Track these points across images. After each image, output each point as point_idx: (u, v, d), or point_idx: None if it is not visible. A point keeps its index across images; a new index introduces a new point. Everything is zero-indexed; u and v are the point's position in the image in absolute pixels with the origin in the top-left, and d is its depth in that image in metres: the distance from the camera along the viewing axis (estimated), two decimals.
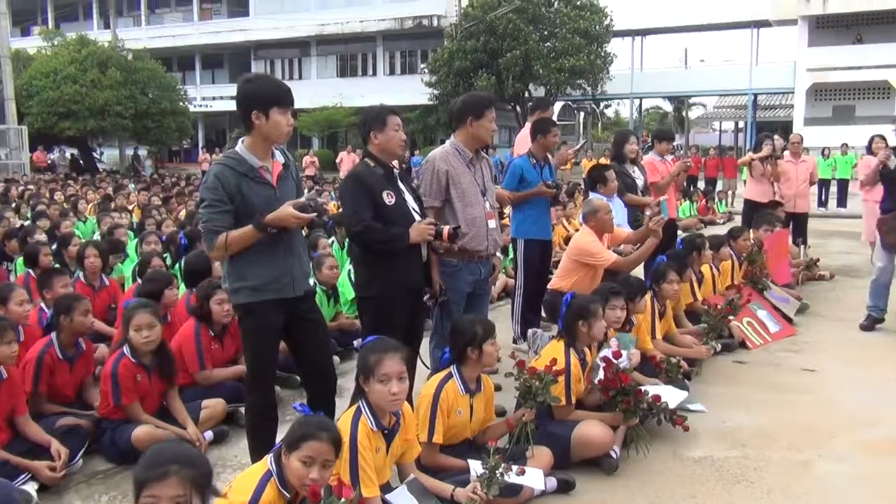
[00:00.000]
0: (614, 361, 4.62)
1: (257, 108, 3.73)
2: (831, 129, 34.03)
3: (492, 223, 5.05)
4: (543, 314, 6.55)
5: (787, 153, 11.10)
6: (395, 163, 4.52)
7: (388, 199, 4.29)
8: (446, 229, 4.38)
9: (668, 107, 63.45)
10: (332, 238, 8.87)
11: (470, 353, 4.09)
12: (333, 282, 6.99)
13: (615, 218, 6.84)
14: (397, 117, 4.38)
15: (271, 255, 3.82)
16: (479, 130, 4.95)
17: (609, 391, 4.54)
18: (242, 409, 4.48)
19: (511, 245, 7.19)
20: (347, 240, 6.00)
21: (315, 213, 3.78)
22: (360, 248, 4.37)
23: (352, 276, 6.29)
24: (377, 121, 4.36)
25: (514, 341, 6.73)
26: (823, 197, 21.79)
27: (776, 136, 10.35)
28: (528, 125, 7.34)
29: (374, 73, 43.76)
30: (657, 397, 4.68)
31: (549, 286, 6.15)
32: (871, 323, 7.61)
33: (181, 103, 35.28)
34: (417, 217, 4.43)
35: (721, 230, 10.09)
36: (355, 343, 6.63)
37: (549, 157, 6.83)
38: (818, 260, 10.42)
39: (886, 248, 7.50)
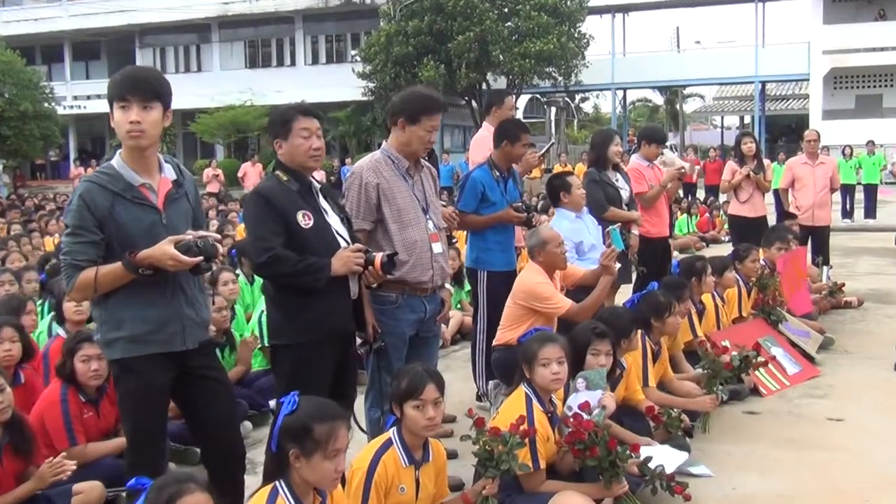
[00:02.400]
0: (583, 414, 4.64)
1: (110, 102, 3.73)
2: (854, 123, 34.98)
3: (437, 247, 5.03)
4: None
5: (801, 154, 11.34)
6: (320, 174, 4.51)
7: (305, 221, 4.28)
8: (378, 257, 4.38)
9: (658, 99, 64.56)
10: (239, 271, 8.79)
11: (412, 413, 4.06)
12: (222, 326, 6.94)
13: (587, 237, 6.92)
14: (310, 119, 4.36)
15: (156, 296, 3.76)
16: (410, 137, 4.94)
17: (575, 445, 4.55)
18: (125, 494, 4.39)
19: (468, 277, 7.20)
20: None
21: (201, 257, 3.70)
22: (272, 283, 4.35)
23: (263, 319, 6.22)
24: (279, 124, 4.36)
25: (478, 398, 6.72)
26: (848, 206, 22.32)
27: (747, 139, 10.42)
28: (485, 125, 7.39)
29: (293, 63, 43.79)
30: (635, 447, 4.71)
31: (494, 341, 6.15)
32: None
33: (46, 104, 34.81)
34: (344, 243, 4.41)
35: (726, 249, 10.25)
36: (271, 404, 6.54)
37: (514, 165, 6.88)
38: (843, 284, 10.65)
39: None
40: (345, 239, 4.44)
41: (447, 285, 5.33)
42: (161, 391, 3.84)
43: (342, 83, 38.44)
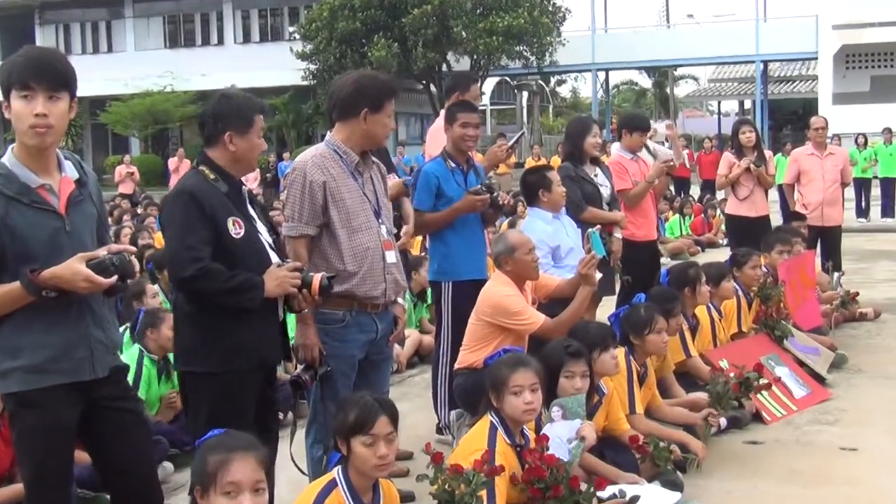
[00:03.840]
0: (544, 448, 4.68)
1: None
2: (869, 108, 35.36)
3: (390, 256, 5.06)
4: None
5: (808, 144, 11.46)
6: (254, 172, 4.53)
7: (236, 229, 4.29)
8: (317, 279, 4.38)
9: (645, 82, 65.13)
10: (157, 285, 8.75)
11: (361, 450, 4.06)
12: (164, 352, 6.87)
13: (565, 241, 6.95)
14: (262, 117, 4.43)
15: (59, 317, 3.73)
16: (374, 127, 4.99)
17: (534, 483, 4.57)
18: None
19: (431, 290, 7.21)
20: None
21: (116, 277, 3.68)
22: (193, 300, 4.32)
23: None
24: (238, 117, 4.38)
25: (439, 430, 6.73)
26: (863, 203, 22.65)
27: (745, 128, 10.51)
28: (442, 114, 7.41)
29: (221, 42, 43.56)
30: (601, 482, 4.74)
31: (456, 363, 6.17)
32: None
33: None
34: (274, 258, 4.42)
35: (724, 255, 10.33)
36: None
37: (475, 157, 6.90)
38: (857, 293, 10.75)
39: None
40: (276, 252, 4.46)
41: (400, 300, 5.34)
42: (67, 429, 3.80)
43: (278, 65, 38.29)
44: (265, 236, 4.46)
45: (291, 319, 4.77)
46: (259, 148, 4.45)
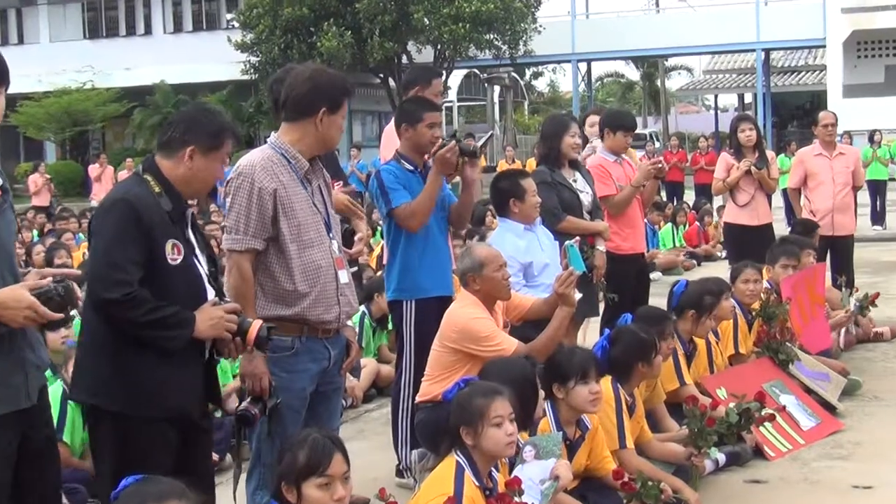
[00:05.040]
0: (511, 495, 4.69)
1: None
2: (884, 101, 35.71)
3: (343, 276, 5.10)
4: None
5: (815, 142, 11.52)
6: None
7: (173, 255, 4.28)
8: (255, 328, 4.38)
9: (633, 73, 65.51)
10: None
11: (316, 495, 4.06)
12: None
13: (539, 257, 6.97)
14: (230, 142, 4.47)
15: None
16: (330, 130, 5.03)
17: None
18: None
19: (391, 312, 7.20)
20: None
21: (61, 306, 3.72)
22: (108, 324, 4.25)
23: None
24: (210, 137, 4.41)
25: (399, 473, 6.73)
26: (878, 207, 22.85)
27: (745, 125, 10.58)
28: None
29: (148, 32, 43.43)
30: None
31: (418, 396, 6.18)
32: None
33: None
34: (210, 291, 4.42)
35: (723, 268, 10.37)
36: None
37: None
38: (877, 295, 10.64)
39: None
40: (213, 286, 4.47)
41: (350, 322, 5.36)
42: (8, 458, 3.86)
43: (215, 58, 38.24)
44: (204, 268, 4.46)
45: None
46: (217, 174, 4.47)
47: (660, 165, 8.66)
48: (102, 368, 4.33)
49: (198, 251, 4.46)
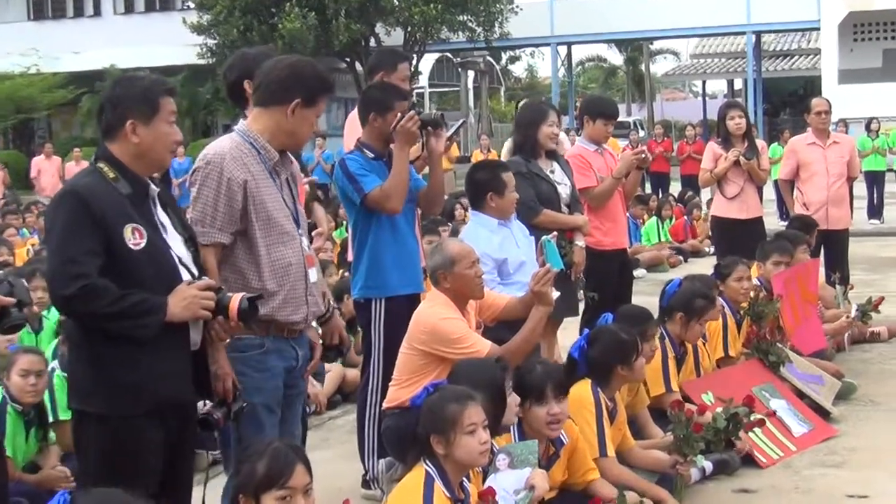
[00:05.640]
0: None
1: None
2: (882, 87, 35.92)
3: (313, 274, 5.15)
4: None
5: (808, 131, 11.55)
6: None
7: (135, 238, 4.28)
8: (236, 300, 4.37)
9: (616, 57, 65.67)
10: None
11: None
12: (34, 399, 6.83)
13: (514, 254, 6.98)
14: (172, 101, 4.45)
15: None
16: (301, 125, 5.06)
17: None
18: None
19: (357, 312, 7.20)
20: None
21: (15, 304, 3.69)
22: (78, 325, 4.30)
23: (56, 381, 6.09)
24: (142, 100, 4.39)
25: (366, 483, 6.74)
26: (875, 200, 22.97)
27: (734, 112, 10.61)
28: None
29: (97, 13, 43.26)
30: None
31: (385, 402, 6.19)
32: None
33: None
34: (187, 274, 4.42)
35: (710, 265, 10.36)
36: None
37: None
38: (882, 299, 10.59)
39: None
40: (188, 269, 4.46)
41: (314, 324, 5.38)
42: None
43: (169, 40, 38.08)
44: (178, 249, 4.46)
45: None
46: (168, 138, 4.45)
47: (643, 155, 8.63)
48: (81, 372, 4.38)
49: (168, 232, 4.46)
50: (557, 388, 5.69)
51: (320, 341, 5.49)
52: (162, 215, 4.47)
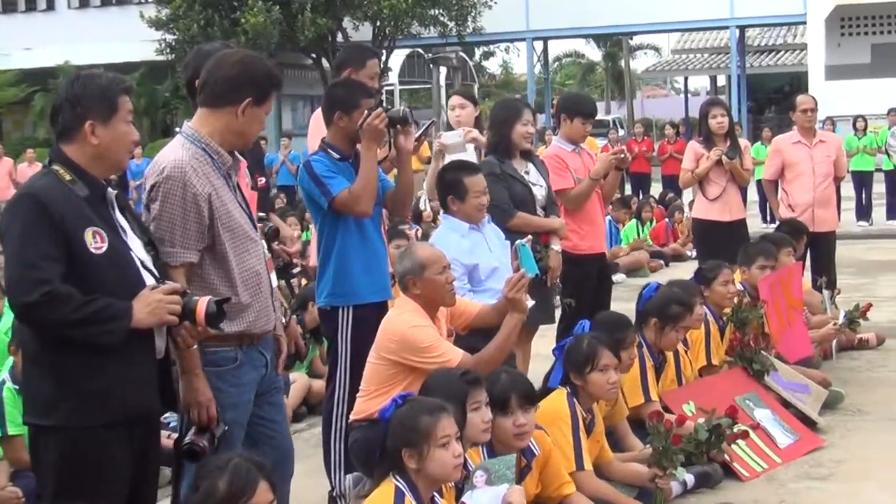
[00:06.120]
0: None
1: None
2: (870, 83, 36.06)
3: (273, 279, 5.22)
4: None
5: (794, 129, 11.59)
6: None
7: (95, 243, 4.27)
8: (203, 304, 4.37)
9: (594, 53, 65.78)
10: None
11: None
12: None
13: (486, 259, 6.98)
14: (128, 100, 4.44)
15: None
16: (251, 124, 5.05)
17: None
18: None
19: (321, 321, 7.19)
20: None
21: None
22: (38, 333, 4.27)
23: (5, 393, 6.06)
24: (100, 99, 4.38)
25: (332, 500, 6.73)
26: (864, 201, 23.10)
27: (716, 110, 10.66)
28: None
29: (50, 7, 43.03)
30: None
31: (353, 414, 6.19)
32: None
33: None
34: (150, 278, 4.42)
35: (692, 269, 10.37)
36: None
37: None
38: (870, 306, 10.54)
39: None
40: (151, 272, 4.45)
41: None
42: None
43: (126, 36, 37.97)
44: (139, 252, 4.45)
45: None
46: (126, 138, 4.43)
47: (622, 155, 8.64)
48: (40, 384, 4.33)
49: (130, 235, 4.46)
50: (523, 397, 5.69)
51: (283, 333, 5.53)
52: (120, 218, 4.46)
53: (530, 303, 6.09)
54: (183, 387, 4.74)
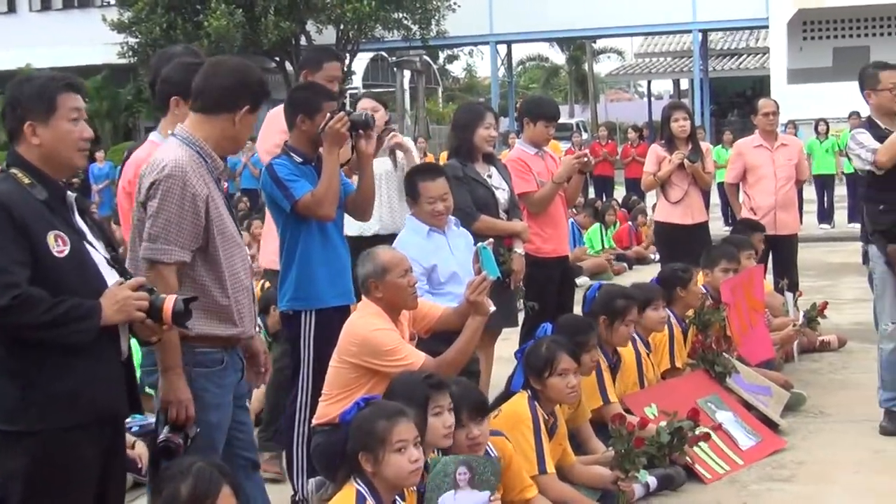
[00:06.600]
0: None
1: None
2: (832, 87, 36.18)
3: (254, 285, 5.36)
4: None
5: (756, 133, 11.64)
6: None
7: (58, 246, 4.25)
8: (170, 301, 4.36)
9: (558, 57, 65.94)
10: None
11: None
12: None
13: (446, 262, 7.00)
14: (76, 96, 4.40)
15: None
16: (243, 132, 5.19)
17: None
18: None
19: (283, 325, 7.17)
20: None
21: None
22: (7, 335, 4.22)
23: None
24: (37, 99, 4.35)
25: (296, 502, 6.70)
26: (825, 204, 23.28)
27: (678, 113, 10.72)
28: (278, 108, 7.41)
29: (11, 9, 42.87)
30: None
31: (315, 418, 6.19)
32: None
33: None
34: (113, 275, 4.41)
35: (656, 272, 10.40)
36: None
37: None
38: (826, 304, 10.64)
39: None
40: (116, 269, 4.46)
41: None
42: None
43: (88, 39, 37.82)
44: (100, 253, 4.43)
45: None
46: (70, 136, 4.38)
47: (585, 159, 8.64)
48: (7, 390, 4.27)
49: (91, 238, 4.43)
50: (474, 410, 5.66)
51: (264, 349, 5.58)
52: (80, 222, 4.44)
53: (492, 309, 6.09)
54: (162, 384, 4.78)
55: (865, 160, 7.89)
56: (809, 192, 18.83)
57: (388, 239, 7.38)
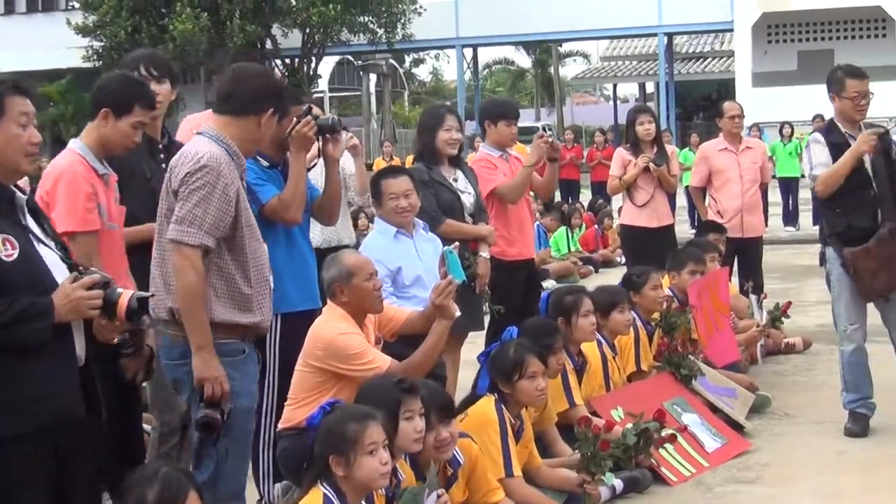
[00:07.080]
0: None
1: None
2: (796, 90, 36.46)
3: (271, 280, 5.44)
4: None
5: (721, 136, 11.68)
6: (23, 181, 4.48)
7: (6, 250, 4.20)
8: (125, 297, 4.35)
9: (524, 60, 66.03)
10: None
11: None
12: None
13: (411, 265, 6.99)
14: (25, 100, 4.36)
15: None
16: (266, 134, 5.41)
17: None
18: None
19: None
20: None
21: None
22: None
23: None
24: None
25: None
26: (790, 206, 23.42)
27: (643, 117, 10.79)
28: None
29: None
30: None
31: (281, 422, 6.18)
32: (861, 425, 8.09)
33: None
34: (64, 273, 4.37)
35: (621, 275, 10.42)
36: None
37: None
38: (790, 304, 10.83)
39: (863, 298, 8.08)
40: (66, 263, 4.42)
41: None
42: None
43: (53, 43, 37.70)
44: (52, 254, 4.38)
45: None
46: (18, 140, 4.31)
47: (551, 140, 8.63)
48: None
49: (43, 239, 4.39)
50: (442, 412, 5.66)
51: None
52: (32, 224, 4.40)
53: (458, 314, 6.09)
54: (196, 363, 4.92)
55: (809, 176, 8.02)
56: (774, 194, 18.92)
57: (328, 253, 7.32)
